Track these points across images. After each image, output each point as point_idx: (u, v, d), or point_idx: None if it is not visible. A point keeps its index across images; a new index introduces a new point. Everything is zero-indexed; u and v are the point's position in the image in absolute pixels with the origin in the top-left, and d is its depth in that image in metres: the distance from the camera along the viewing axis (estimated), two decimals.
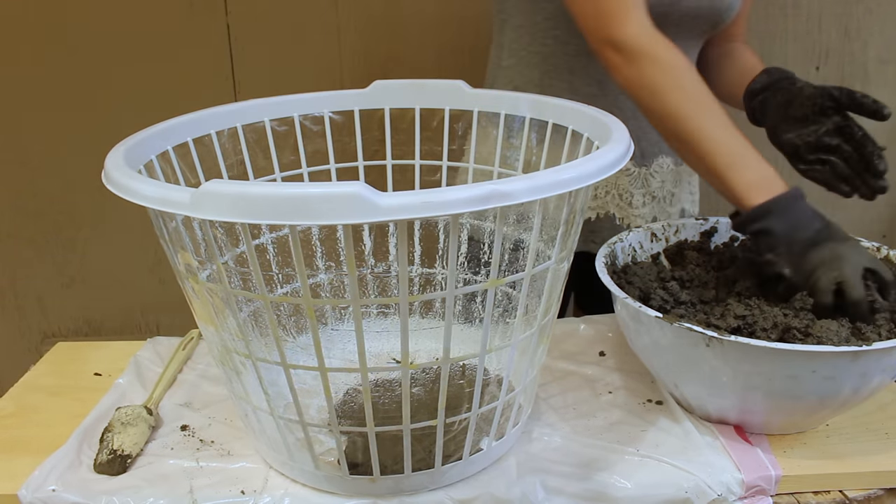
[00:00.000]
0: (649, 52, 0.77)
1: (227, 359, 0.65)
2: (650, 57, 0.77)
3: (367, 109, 0.86)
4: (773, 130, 0.87)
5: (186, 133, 0.74)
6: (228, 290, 0.57)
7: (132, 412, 0.74)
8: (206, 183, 0.49)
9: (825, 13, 1.45)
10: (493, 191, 0.49)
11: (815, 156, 0.83)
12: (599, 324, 0.94)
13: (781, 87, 0.88)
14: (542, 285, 0.63)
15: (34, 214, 1.56)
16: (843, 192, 0.82)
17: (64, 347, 0.93)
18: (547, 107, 0.78)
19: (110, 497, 0.65)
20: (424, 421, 0.62)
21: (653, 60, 0.77)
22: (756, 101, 0.90)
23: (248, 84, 1.47)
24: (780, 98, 0.87)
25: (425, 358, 0.80)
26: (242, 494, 0.66)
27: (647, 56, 0.77)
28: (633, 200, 1.02)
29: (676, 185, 1.05)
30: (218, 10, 1.42)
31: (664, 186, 1.03)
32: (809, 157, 0.83)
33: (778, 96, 0.87)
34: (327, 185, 0.47)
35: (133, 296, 1.62)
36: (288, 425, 0.64)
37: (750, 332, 0.69)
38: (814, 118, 0.83)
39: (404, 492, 0.65)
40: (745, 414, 0.72)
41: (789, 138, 0.84)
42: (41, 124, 1.49)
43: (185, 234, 0.60)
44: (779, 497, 0.69)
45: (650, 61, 0.77)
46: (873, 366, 0.64)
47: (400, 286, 0.53)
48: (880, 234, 1.61)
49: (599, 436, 0.73)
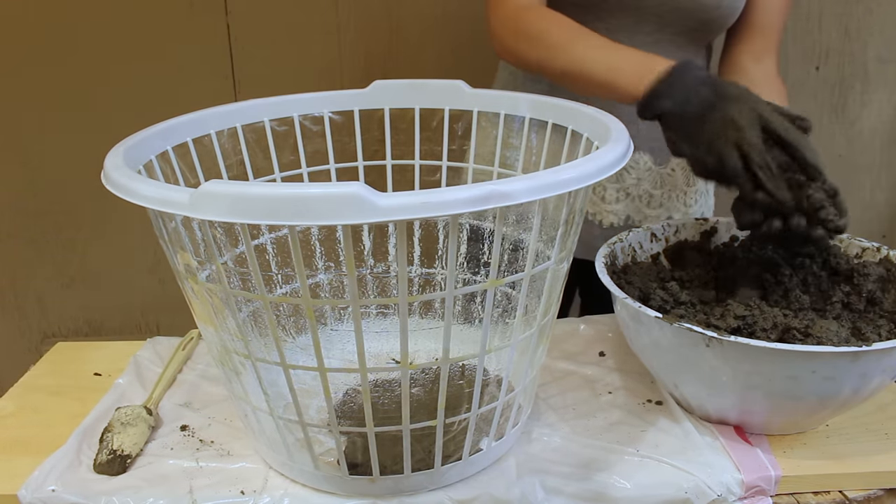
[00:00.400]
0: (519, 15, 0.83)
1: (226, 359, 0.65)
2: (519, 19, 0.83)
3: (367, 109, 0.86)
4: None
5: (186, 133, 0.74)
6: (228, 290, 0.57)
7: (132, 412, 0.74)
8: (205, 183, 0.49)
9: (825, 13, 1.45)
10: (493, 191, 0.49)
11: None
12: (599, 324, 0.94)
13: None
14: (541, 285, 0.63)
15: (34, 214, 1.56)
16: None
17: (64, 347, 0.93)
18: (546, 107, 0.78)
19: (110, 497, 0.65)
20: (424, 421, 0.62)
21: (519, 20, 0.83)
22: None
23: (248, 84, 1.47)
24: None
25: (425, 358, 0.80)
26: (242, 495, 0.66)
27: (517, 19, 0.83)
28: (605, 195, 1.00)
29: (657, 187, 1.01)
30: (218, 10, 1.42)
31: (640, 185, 1.01)
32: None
33: None
34: (326, 186, 0.47)
35: (133, 296, 1.62)
36: (287, 425, 0.64)
37: (750, 333, 0.69)
38: None
39: (404, 492, 0.65)
40: (744, 414, 0.72)
41: None
42: (41, 124, 1.49)
43: (184, 234, 0.60)
44: (779, 497, 0.69)
45: (518, 21, 0.83)
46: (873, 366, 0.64)
47: (399, 286, 0.53)
48: (880, 234, 1.61)
49: (599, 436, 0.73)
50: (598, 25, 0.88)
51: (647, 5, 0.88)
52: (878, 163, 1.57)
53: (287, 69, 1.45)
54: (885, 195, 0.81)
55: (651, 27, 0.90)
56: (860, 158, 1.56)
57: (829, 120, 1.53)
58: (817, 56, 1.48)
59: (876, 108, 1.53)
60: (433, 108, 0.85)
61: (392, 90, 0.86)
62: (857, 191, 1.59)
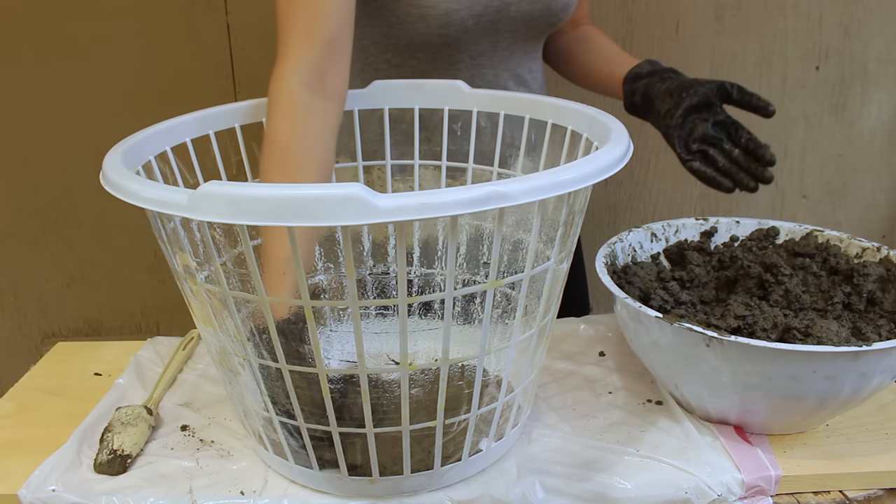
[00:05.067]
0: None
1: (225, 360, 0.65)
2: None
3: (367, 109, 0.86)
4: (663, 115, 0.86)
5: (185, 133, 0.74)
6: (226, 291, 0.57)
7: (132, 412, 0.74)
8: (204, 185, 0.49)
9: (825, 13, 1.45)
10: (492, 192, 0.49)
11: (699, 146, 0.82)
12: (599, 324, 0.94)
13: (668, 76, 0.88)
14: (541, 286, 0.63)
15: (34, 214, 1.56)
16: (725, 188, 0.82)
17: (64, 347, 0.93)
18: (546, 107, 0.78)
19: (110, 497, 0.65)
20: (423, 422, 0.61)
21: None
22: (639, 84, 0.90)
23: (248, 84, 1.47)
24: (671, 84, 0.86)
25: (425, 359, 0.80)
26: (242, 495, 0.66)
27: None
28: None
29: None
30: (218, 10, 1.42)
31: None
32: (693, 146, 0.83)
33: (667, 83, 0.87)
34: (324, 187, 0.47)
35: (133, 296, 1.62)
36: (286, 426, 0.64)
37: (750, 333, 0.69)
38: (704, 108, 0.83)
39: (403, 493, 0.65)
40: (745, 414, 0.72)
41: (679, 124, 0.83)
42: (41, 124, 1.49)
43: (183, 235, 0.60)
44: (779, 497, 0.69)
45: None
46: (873, 366, 0.64)
47: (398, 288, 0.53)
48: (880, 234, 1.61)
49: (599, 436, 0.73)
50: (462, 56, 0.90)
51: (503, 27, 0.90)
52: (878, 163, 1.57)
53: None
54: (885, 195, 0.81)
55: (507, 42, 0.92)
56: (860, 158, 1.56)
57: (829, 120, 1.53)
58: (817, 56, 1.47)
59: (876, 108, 1.53)
60: (433, 108, 0.85)
61: (392, 90, 0.86)
62: (857, 191, 1.58)
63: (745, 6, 1.44)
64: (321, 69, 0.73)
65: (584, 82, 1.03)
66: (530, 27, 0.92)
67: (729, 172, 0.81)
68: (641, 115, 0.91)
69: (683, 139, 0.83)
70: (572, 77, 1.06)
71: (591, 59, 1.00)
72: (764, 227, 0.88)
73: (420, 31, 0.86)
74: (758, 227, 0.88)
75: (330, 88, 0.74)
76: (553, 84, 1.08)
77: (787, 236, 0.86)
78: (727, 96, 0.83)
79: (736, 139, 0.82)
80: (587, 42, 1.02)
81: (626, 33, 1.01)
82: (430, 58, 0.90)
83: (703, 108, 0.83)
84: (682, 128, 0.83)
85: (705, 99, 0.83)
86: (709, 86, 0.83)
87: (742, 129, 0.82)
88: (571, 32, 1.04)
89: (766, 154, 0.80)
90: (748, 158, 0.81)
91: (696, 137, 0.82)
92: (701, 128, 0.82)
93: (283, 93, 0.71)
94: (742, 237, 0.88)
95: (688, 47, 1.46)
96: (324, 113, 0.73)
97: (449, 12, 0.85)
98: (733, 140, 0.82)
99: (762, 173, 0.80)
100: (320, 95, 0.73)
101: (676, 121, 0.83)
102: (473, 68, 0.92)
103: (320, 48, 0.73)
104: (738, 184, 0.81)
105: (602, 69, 0.98)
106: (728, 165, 0.81)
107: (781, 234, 0.87)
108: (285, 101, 0.71)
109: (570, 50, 1.03)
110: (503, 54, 0.93)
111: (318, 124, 0.73)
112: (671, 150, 0.84)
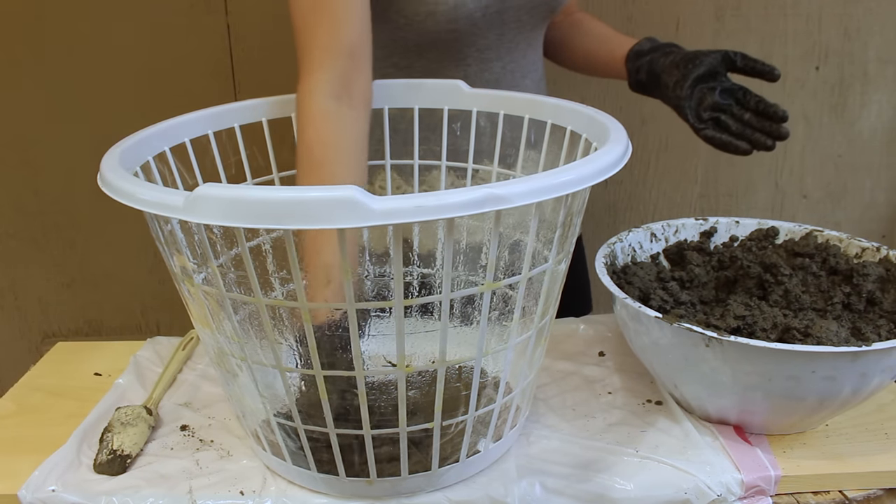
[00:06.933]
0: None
1: (222, 361, 0.65)
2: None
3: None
4: (672, 87, 0.86)
5: (184, 133, 0.74)
6: (224, 293, 0.57)
7: (132, 412, 0.74)
8: (200, 187, 0.49)
9: (825, 13, 1.45)
10: (489, 194, 0.49)
11: (710, 114, 0.84)
12: (599, 324, 0.94)
13: (670, 50, 0.89)
14: (539, 287, 0.63)
15: (34, 214, 1.56)
16: (742, 150, 0.83)
17: (64, 347, 0.93)
18: (545, 107, 0.78)
19: (110, 497, 0.66)
20: (421, 423, 0.61)
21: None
22: (643, 61, 0.91)
23: (248, 84, 1.47)
24: (675, 58, 0.87)
25: (423, 360, 0.80)
26: (241, 495, 0.66)
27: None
28: None
29: None
30: (218, 10, 1.42)
31: None
32: (705, 115, 0.84)
33: (671, 56, 0.88)
34: (321, 189, 0.47)
35: (133, 296, 1.62)
36: (284, 427, 0.64)
37: (750, 333, 0.69)
38: (710, 78, 0.85)
39: (401, 494, 0.65)
40: (744, 414, 0.72)
41: (688, 94, 0.85)
42: (41, 124, 1.49)
43: (180, 236, 0.60)
44: (778, 497, 0.69)
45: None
46: (873, 366, 0.64)
47: (395, 290, 0.53)
48: (880, 234, 1.61)
49: (599, 437, 0.73)
50: (470, 51, 0.90)
51: (508, 17, 0.90)
52: (878, 163, 1.56)
53: (287, 69, 1.45)
54: (885, 195, 0.81)
55: (512, 32, 0.92)
56: (860, 158, 1.56)
57: (829, 120, 1.53)
58: (817, 56, 1.47)
59: (876, 109, 1.52)
60: (432, 108, 0.85)
61: (391, 90, 0.86)
62: (857, 191, 1.58)
63: (745, 6, 1.44)
64: (346, 78, 0.74)
65: (584, 67, 1.04)
66: (532, 15, 0.92)
67: (743, 135, 0.82)
68: (648, 91, 0.92)
69: (694, 109, 0.85)
70: (572, 64, 1.06)
71: (588, 43, 1.01)
72: (763, 227, 0.88)
73: (429, 28, 0.86)
74: (757, 227, 0.88)
75: (356, 96, 0.75)
76: (553, 84, 1.08)
77: (786, 236, 0.86)
78: (732, 64, 0.84)
79: (745, 103, 0.83)
80: (582, 27, 1.03)
81: (626, 33, 1.01)
82: (438, 56, 0.90)
83: (709, 78, 0.85)
84: (691, 98, 0.85)
85: (711, 68, 0.84)
86: (713, 55, 0.85)
87: (749, 92, 0.83)
88: (565, 20, 1.05)
89: (778, 111, 0.81)
90: (760, 119, 0.82)
91: (706, 106, 0.84)
92: (710, 96, 0.84)
93: (312, 106, 0.73)
94: (742, 237, 0.88)
95: (688, 47, 1.46)
96: (354, 121, 0.74)
97: (458, 6, 0.85)
98: (742, 104, 0.83)
99: (777, 129, 0.81)
100: (347, 104, 0.74)
101: (686, 91, 0.84)
102: (482, 62, 0.92)
103: (343, 57, 0.74)
104: (754, 144, 0.82)
105: (601, 51, 0.98)
106: (741, 128, 0.82)
107: (781, 234, 0.86)
108: (314, 114, 0.72)
109: (567, 36, 1.04)
110: (509, 46, 0.93)
111: (349, 133, 0.74)
112: (671, 150, 0.85)
